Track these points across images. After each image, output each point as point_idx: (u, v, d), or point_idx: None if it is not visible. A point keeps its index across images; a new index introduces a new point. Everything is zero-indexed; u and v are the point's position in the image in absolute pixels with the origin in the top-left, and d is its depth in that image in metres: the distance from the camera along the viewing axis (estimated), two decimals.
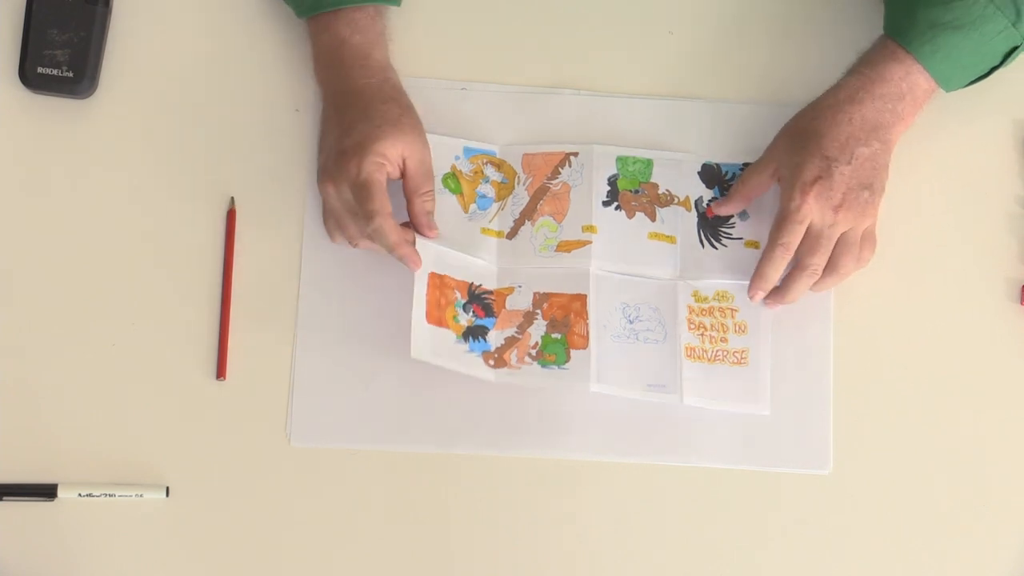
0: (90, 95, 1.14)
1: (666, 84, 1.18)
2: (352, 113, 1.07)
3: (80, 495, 1.08)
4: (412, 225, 1.09)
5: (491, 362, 1.10)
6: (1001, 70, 1.09)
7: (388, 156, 1.05)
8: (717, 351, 1.11)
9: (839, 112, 1.07)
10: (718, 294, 1.12)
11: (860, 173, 1.06)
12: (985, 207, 1.17)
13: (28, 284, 1.11)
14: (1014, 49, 1.08)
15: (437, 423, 1.11)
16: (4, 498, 1.08)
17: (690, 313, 1.11)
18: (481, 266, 1.11)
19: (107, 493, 1.08)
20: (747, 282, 1.10)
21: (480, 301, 1.11)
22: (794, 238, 1.06)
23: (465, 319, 1.10)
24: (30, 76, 1.12)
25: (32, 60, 1.12)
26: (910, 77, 1.07)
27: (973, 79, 1.10)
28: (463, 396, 1.11)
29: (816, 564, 1.11)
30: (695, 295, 1.11)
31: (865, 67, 1.08)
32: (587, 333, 1.09)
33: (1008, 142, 1.18)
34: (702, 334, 1.11)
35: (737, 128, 1.16)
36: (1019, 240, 1.16)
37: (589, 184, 1.13)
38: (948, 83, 1.09)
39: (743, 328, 1.11)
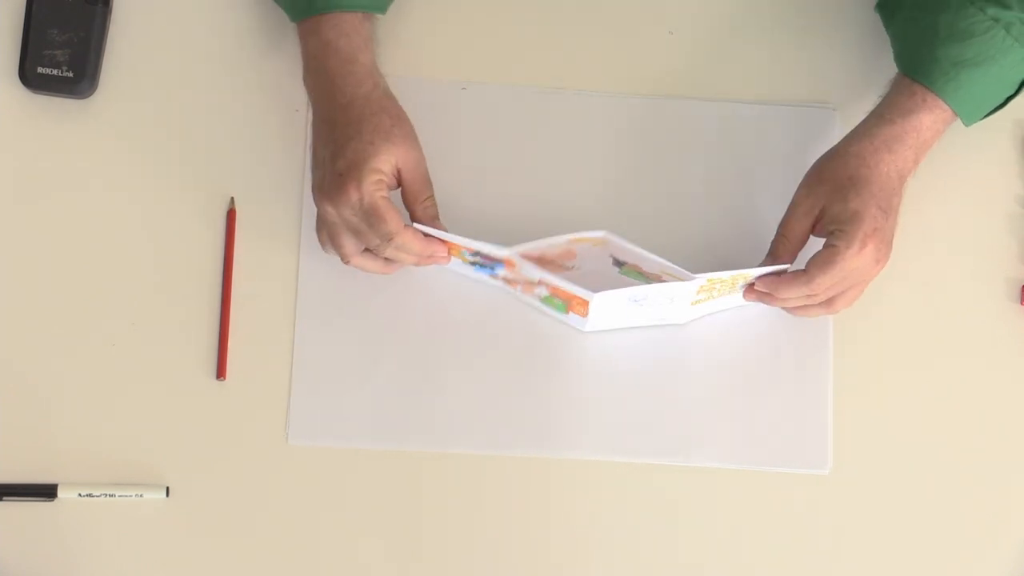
0: (90, 95, 1.14)
1: (666, 84, 1.18)
2: (344, 130, 1.04)
3: (80, 495, 1.08)
4: None
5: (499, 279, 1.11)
6: (1017, 99, 1.09)
7: (384, 171, 1.03)
8: (723, 293, 1.10)
9: (881, 163, 1.05)
10: (734, 276, 1.08)
11: (894, 226, 1.06)
12: (985, 207, 1.17)
13: (28, 284, 1.11)
14: None
15: (436, 423, 1.11)
16: (4, 498, 1.08)
17: (700, 290, 1.08)
18: (488, 248, 1.07)
19: (107, 493, 1.08)
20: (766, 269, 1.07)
21: (486, 258, 1.09)
22: (832, 283, 1.05)
23: (472, 259, 1.09)
24: (30, 76, 1.12)
25: (32, 60, 1.12)
26: (936, 125, 1.06)
27: (990, 111, 1.09)
28: (463, 396, 1.11)
29: (816, 564, 1.11)
30: (710, 280, 1.07)
31: (896, 115, 1.06)
32: (587, 313, 1.08)
33: (1008, 142, 1.18)
34: (711, 291, 1.09)
35: (738, 129, 1.16)
36: (1019, 240, 1.16)
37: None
38: (970, 118, 1.08)
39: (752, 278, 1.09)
